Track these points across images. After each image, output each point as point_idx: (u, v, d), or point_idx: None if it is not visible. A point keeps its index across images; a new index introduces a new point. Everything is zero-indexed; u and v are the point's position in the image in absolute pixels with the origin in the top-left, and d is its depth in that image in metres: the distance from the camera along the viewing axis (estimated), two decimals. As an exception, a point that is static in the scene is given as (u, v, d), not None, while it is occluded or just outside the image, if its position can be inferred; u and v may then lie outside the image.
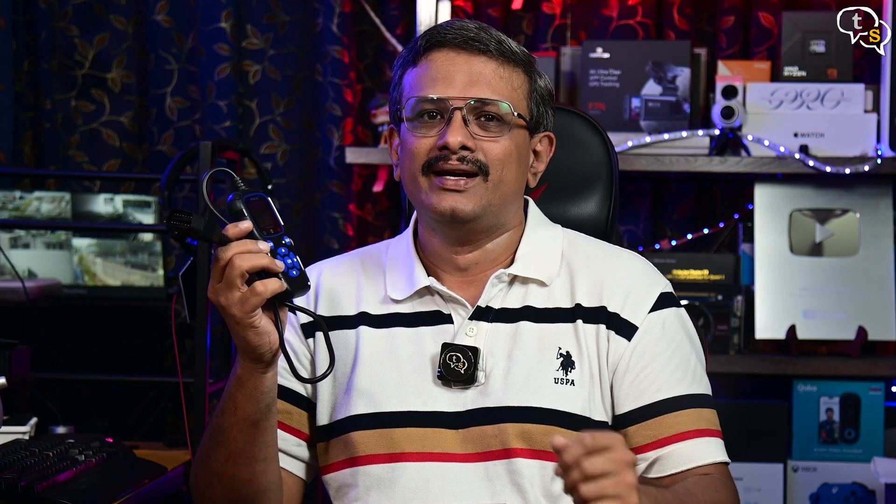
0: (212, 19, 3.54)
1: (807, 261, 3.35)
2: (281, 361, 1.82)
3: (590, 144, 2.22)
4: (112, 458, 2.29)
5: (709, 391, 1.95)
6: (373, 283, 2.00)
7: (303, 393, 1.98)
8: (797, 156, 3.23)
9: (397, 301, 1.96)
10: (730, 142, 3.28)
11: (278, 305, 1.77)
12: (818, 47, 3.33)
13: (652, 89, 3.36)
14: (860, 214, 3.35)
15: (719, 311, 3.34)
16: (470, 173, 1.89)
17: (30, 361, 2.53)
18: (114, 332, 3.29)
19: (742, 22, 3.52)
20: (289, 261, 1.77)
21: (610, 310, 1.93)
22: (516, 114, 1.91)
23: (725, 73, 3.36)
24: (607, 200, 2.22)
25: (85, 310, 3.30)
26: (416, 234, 2.02)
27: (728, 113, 3.26)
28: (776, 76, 3.38)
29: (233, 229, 1.75)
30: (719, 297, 3.35)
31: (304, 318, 1.97)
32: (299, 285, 1.77)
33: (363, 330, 1.96)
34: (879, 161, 3.20)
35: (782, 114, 3.30)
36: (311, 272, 2.02)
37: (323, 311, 1.99)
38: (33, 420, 2.46)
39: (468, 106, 1.89)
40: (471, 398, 1.89)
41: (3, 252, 3.19)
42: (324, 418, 1.95)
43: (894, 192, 3.35)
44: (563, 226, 2.05)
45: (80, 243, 3.38)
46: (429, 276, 1.96)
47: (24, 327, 3.08)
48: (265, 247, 1.75)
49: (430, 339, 1.92)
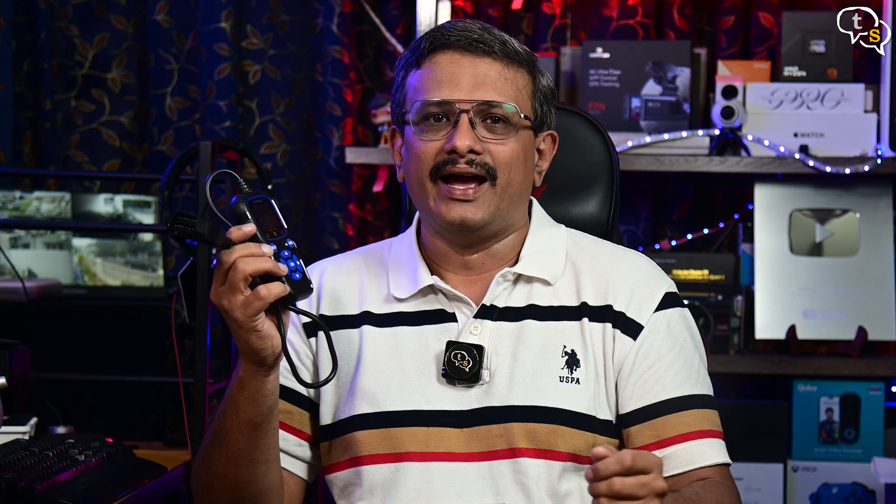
0: (212, 19, 3.54)
1: (807, 261, 3.35)
2: (282, 361, 1.81)
3: (591, 144, 2.22)
4: (112, 458, 2.29)
5: (711, 392, 1.95)
6: (376, 282, 1.99)
7: (304, 393, 1.97)
8: (797, 156, 3.23)
9: (401, 300, 1.96)
10: (730, 142, 3.28)
11: (281, 309, 1.76)
12: (818, 47, 3.33)
13: (652, 89, 3.36)
14: (860, 214, 3.35)
15: (719, 311, 3.34)
16: (478, 177, 1.88)
17: (30, 361, 2.53)
18: (114, 332, 3.29)
19: (742, 22, 3.51)
20: (292, 264, 1.76)
21: (615, 308, 1.92)
22: (522, 115, 1.90)
23: (725, 73, 3.36)
24: (608, 200, 2.22)
25: (85, 310, 3.30)
26: (419, 232, 2.01)
27: (728, 113, 3.25)
28: (776, 76, 3.37)
29: (236, 232, 1.74)
30: (719, 297, 3.35)
31: (307, 318, 1.96)
32: (302, 288, 1.76)
33: (366, 329, 1.96)
34: (879, 161, 3.19)
35: (782, 114, 3.29)
36: (314, 271, 2.01)
37: (326, 310, 1.99)
38: (33, 420, 2.46)
39: (475, 108, 1.88)
40: (475, 397, 1.89)
41: (3, 252, 3.18)
42: (327, 418, 1.95)
43: (894, 192, 3.35)
44: (565, 225, 2.05)
45: (80, 243, 3.38)
46: (432, 274, 1.96)
47: (24, 327, 3.08)
48: (269, 250, 1.74)
49: (434, 338, 1.92)
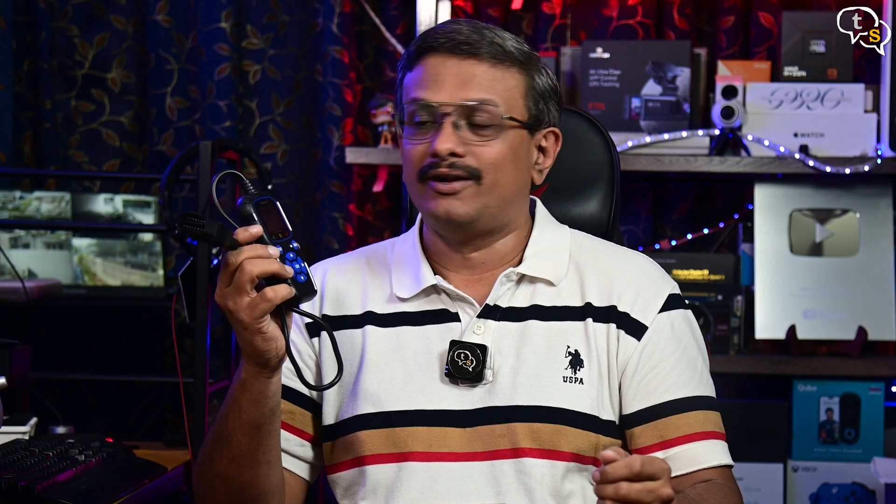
0: (212, 19, 3.54)
1: (807, 261, 3.35)
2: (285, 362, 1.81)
3: (591, 144, 2.22)
4: (112, 458, 2.29)
5: (714, 393, 1.95)
6: (379, 282, 1.99)
7: (306, 393, 1.97)
8: (797, 156, 3.23)
9: (404, 299, 1.96)
10: (730, 142, 3.28)
11: (285, 311, 1.76)
12: (818, 47, 3.33)
13: (652, 89, 3.36)
14: (860, 214, 3.35)
15: (719, 311, 3.34)
16: (462, 178, 1.88)
17: (30, 361, 2.53)
18: (114, 332, 3.29)
19: (742, 22, 3.51)
20: (297, 266, 1.76)
21: (620, 309, 1.92)
22: (506, 116, 1.89)
23: (725, 73, 3.36)
24: (609, 200, 2.21)
25: (85, 310, 3.30)
26: (422, 232, 2.01)
27: (728, 113, 3.25)
28: (776, 76, 3.37)
29: (243, 233, 1.74)
30: (719, 297, 3.35)
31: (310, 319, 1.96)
32: (306, 290, 1.76)
33: (369, 329, 1.95)
34: (879, 161, 3.19)
35: (782, 114, 3.29)
36: (316, 271, 2.01)
37: (329, 310, 1.99)
38: (33, 420, 2.46)
39: (458, 110, 1.87)
40: (479, 396, 1.89)
41: (3, 252, 3.18)
42: (330, 418, 1.95)
43: (894, 192, 3.35)
44: (565, 226, 2.05)
45: (80, 243, 3.37)
46: (435, 274, 1.96)
47: (24, 327, 3.08)
48: (275, 252, 1.74)
49: (437, 338, 1.92)
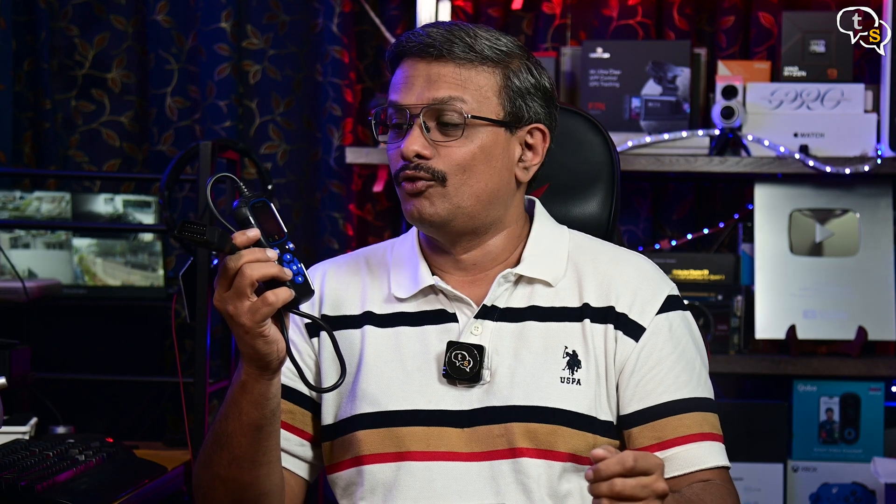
0: (212, 19, 3.54)
1: (807, 261, 3.35)
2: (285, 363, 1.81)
3: (591, 144, 2.22)
4: (112, 458, 2.29)
5: (712, 395, 1.95)
6: (377, 283, 2.00)
7: (306, 393, 1.97)
8: (797, 156, 3.23)
9: (402, 300, 1.96)
10: (730, 142, 3.28)
11: (284, 312, 1.77)
12: (818, 47, 3.33)
13: (652, 89, 3.36)
14: (860, 214, 3.35)
15: (719, 311, 3.34)
16: (427, 179, 1.88)
17: (30, 361, 2.53)
18: (114, 332, 3.29)
19: (742, 22, 3.51)
20: (294, 267, 1.76)
21: (618, 310, 1.92)
22: (475, 115, 1.88)
23: (725, 73, 3.36)
24: (609, 200, 2.21)
25: (85, 310, 3.29)
26: (420, 233, 2.01)
27: (728, 113, 3.25)
28: (776, 76, 3.37)
29: (241, 237, 1.73)
30: (719, 297, 3.35)
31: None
32: (305, 291, 1.77)
33: (368, 329, 1.96)
34: (879, 161, 3.19)
35: (782, 114, 3.29)
36: (315, 272, 2.02)
37: (328, 311, 1.99)
38: (33, 420, 2.46)
39: (425, 112, 1.88)
40: (476, 397, 1.89)
41: (3, 252, 3.18)
42: (329, 418, 1.95)
43: (894, 192, 3.35)
44: (565, 226, 2.05)
45: (80, 243, 3.37)
46: (433, 275, 1.96)
47: (24, 327, 3.08)
48: (273, 255, 1.74)
49: (435, 338, 1.92)
